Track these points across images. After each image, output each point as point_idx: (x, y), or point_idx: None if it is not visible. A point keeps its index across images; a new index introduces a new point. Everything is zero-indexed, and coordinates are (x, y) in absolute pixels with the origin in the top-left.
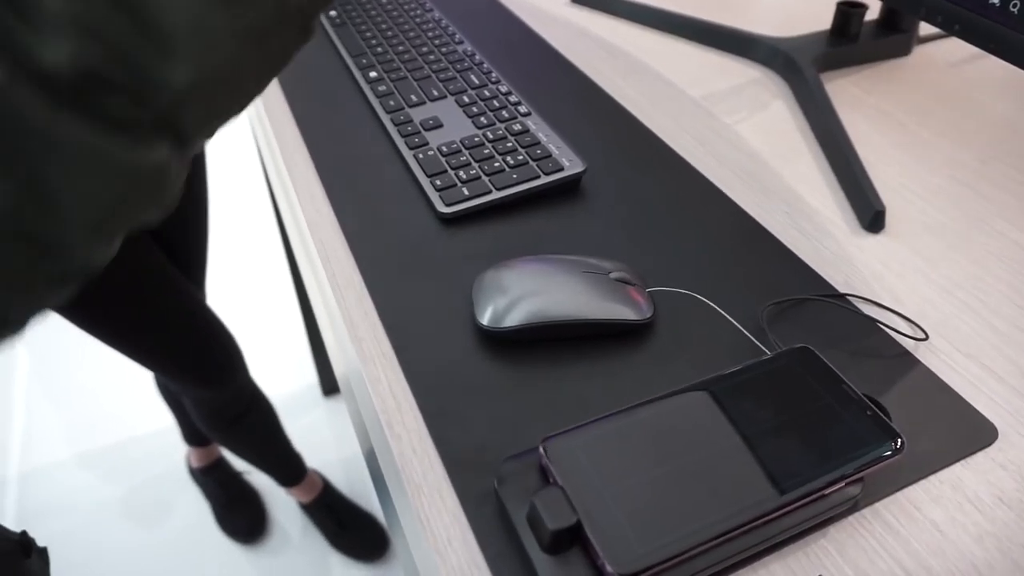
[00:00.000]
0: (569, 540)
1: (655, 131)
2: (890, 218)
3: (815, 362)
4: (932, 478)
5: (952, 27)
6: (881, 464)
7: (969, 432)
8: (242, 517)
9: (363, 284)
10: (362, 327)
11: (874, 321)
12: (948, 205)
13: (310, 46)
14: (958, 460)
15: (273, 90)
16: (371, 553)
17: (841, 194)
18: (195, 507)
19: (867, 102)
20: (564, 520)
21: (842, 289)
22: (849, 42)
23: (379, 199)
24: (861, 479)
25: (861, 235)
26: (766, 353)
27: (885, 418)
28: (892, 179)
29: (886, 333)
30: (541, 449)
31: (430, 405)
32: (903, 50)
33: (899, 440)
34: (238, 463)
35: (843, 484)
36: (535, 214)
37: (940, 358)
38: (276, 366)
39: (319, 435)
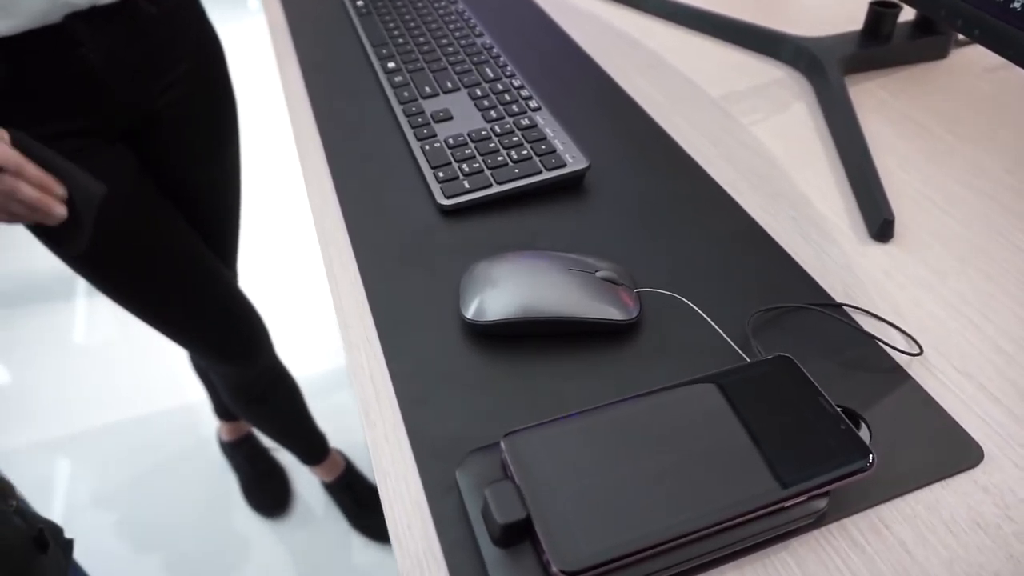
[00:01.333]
0: (519, 535)
1: (668, 130)
2: (902, 227)
3: (793, 372)
4: (908, 497)
5: (972, 31)
6: (848, 480)
7: (953, 452)
8: (268, 492)
9: (357, 271)
10: (351, 313)
11: (865, 333)
12: (967, 216)
13: (335, 34)
14: (938, 480)
15: (294, 74)
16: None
17: (853, 201)
18: (225, 480)
19: (894, 106)
20: (513, 514)
21: (840, 299)
22: (881, 43)
23: (383, 188)
24: (827, 493)
25: (868, 244)
26: (746, 360)
27: (858, 433)
28: (911, 187)
29: (879, 345)
30: (502, 443)
31: (408, 394)
32: (939, 53)
33: (870, 457)
34: (267, 439)
35: (806, 497)
36: (536, 209)
37: (934, 374)
38: (305, 347)
39: (345, 416)
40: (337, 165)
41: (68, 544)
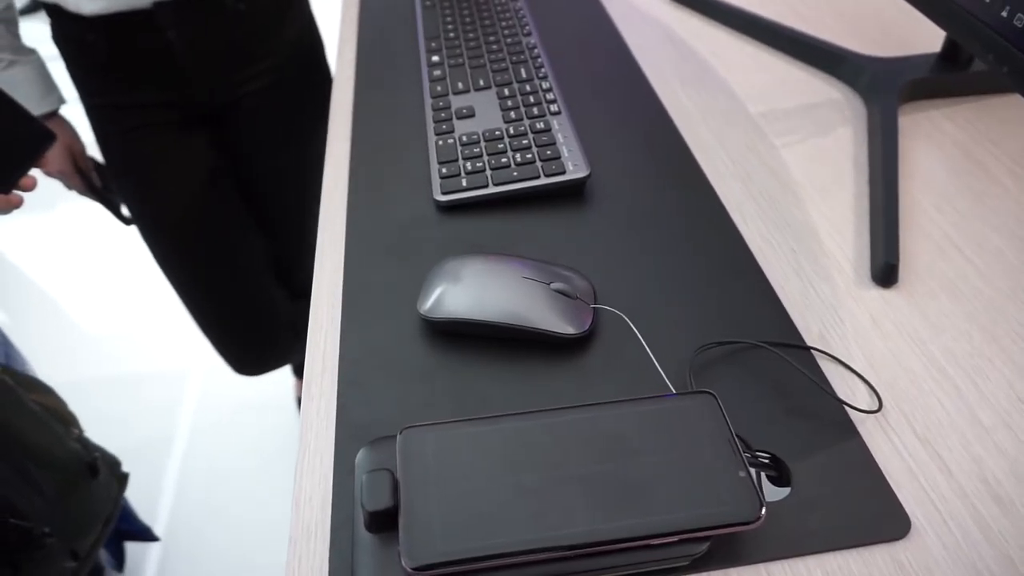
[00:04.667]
0: (390, 524)
1: (691, 143)
2: (912, 273)
3: (713, 410)
4: (810, 558)
5: (1001, 68)
6: (728, 529)
7: (878, 520)
8: None
9: (344, 255)
10: (325, 295)
11: (813, 380)
12: (993, 270)
13: (397, 25)
14: (852, 547)
15: (349, 58)
16: None
17: (867, 239)
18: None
19: (955, 138)
20: (380, 503)
21: (813, 341)
22: (957, 70)
23: (391, 178)
24: (706, 539)
25: (866, 287)
26: (671, 391)
27: (754, 483)
28: (939, 229)
29: (836, 395)
30: (397, 436)
31: (348, 376)
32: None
33: (759, 509)
34: None
35: (676, 538)
36: (532, 213)
37: (887, 434)
38: None
39: None
40: (358, 151)
41: (123, 476)
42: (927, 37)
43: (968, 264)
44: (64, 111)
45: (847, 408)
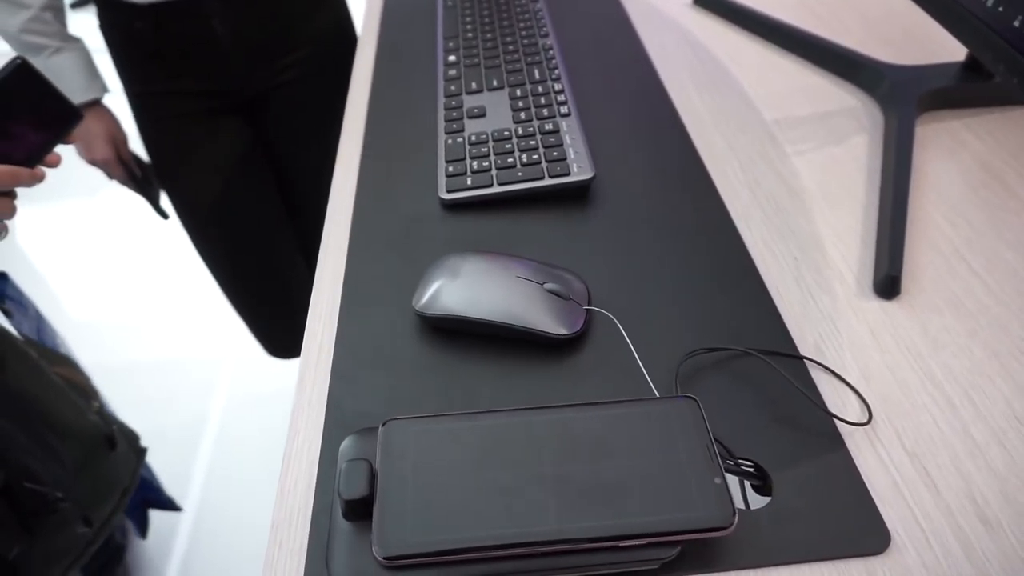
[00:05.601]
0: (364, 512)
1: (701, 149)
2: (916, 286)
3: (693, 416)
4: (783, 568)
5: (1012, 79)
6: (698, 535)
7: (857, 533)
8: None
9: (347, 250)
10: (326, 288)
11: (800, 390)
12: (1002, 287)
13: (419, 25)
14: (828, 559)
15: (368, 56)
16: None
17: (872, 250)
18: None
19: (973, 150)
20: (356, 491)
21: (808, 351)
22: (982, 79)
23: (399, 176)
24: (676, 543)
25: (868, 299)
26: (655, 395)
27: (728, 490)
28: (949, 243)
29: (825, 405)
30: (380, 428)
31: (341, 367)
32: None
33: (732, 516)
34: None
35: (645, 542)
36: (534, 213)
37: (874, 447)
38: None
39: None
40: (369, 148)
41: (142, 451)
42: (955, 45)
43: (976, 279)
44: (105, 101)
45: (837, 421)
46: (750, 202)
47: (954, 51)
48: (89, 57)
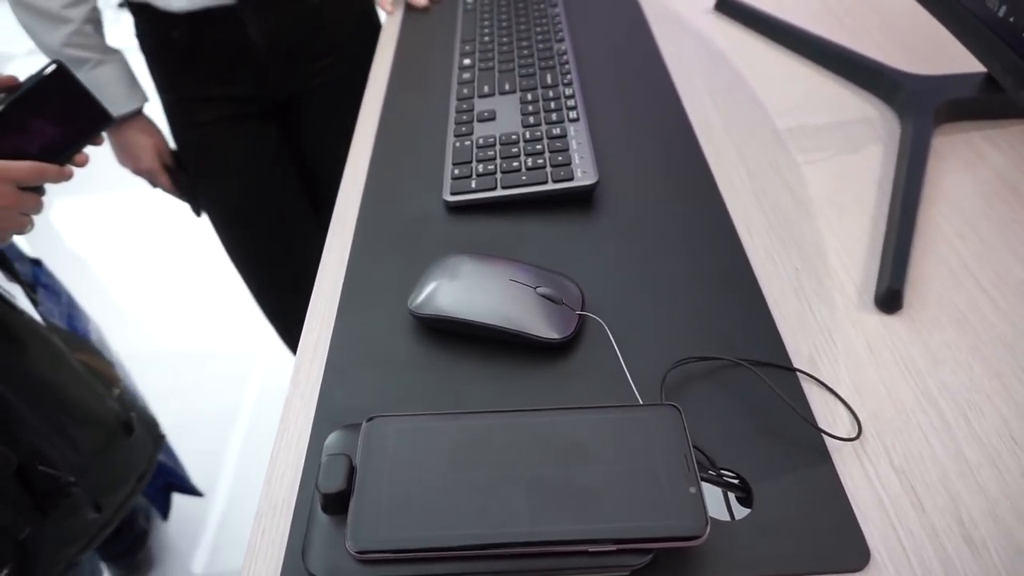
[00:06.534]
0: (341, 506)
1: (709, 157)
2: (920, 301)
3: (674, 424)
4: None
5: (1019, 92)
6: (668, 543)
7: (836, 549)
8: None
9: (350, 248)
10: (327, 286)
11: (787, 404)
12: (1011, 304)
13: (438, 28)
14: (804, 574)
15: (386, 59)
16: None
17: (878, 262)
18: None
19: (993, 162)
20: (333, 485)
21: (802, 363)
22: (1004, 91)
23: (406, 177)
24: (647, 551)
25: (868, 311)
26: (639, 401)
27: (703, 499)
28: (958, 258)
29: (813, 419)
30: (363, 424)
31: (335, 363)
32: None
33: (704, 526)
34: None
35: (614, 548)
36: (538, 217)
37: (861, 463)
38: None
39: None
40: (379, 150)
41: (159, 437)
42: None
43: (983, 295)
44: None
45: (823, 435)
46: (755, 210)
47: (972, 61)
48: (129, 68)
